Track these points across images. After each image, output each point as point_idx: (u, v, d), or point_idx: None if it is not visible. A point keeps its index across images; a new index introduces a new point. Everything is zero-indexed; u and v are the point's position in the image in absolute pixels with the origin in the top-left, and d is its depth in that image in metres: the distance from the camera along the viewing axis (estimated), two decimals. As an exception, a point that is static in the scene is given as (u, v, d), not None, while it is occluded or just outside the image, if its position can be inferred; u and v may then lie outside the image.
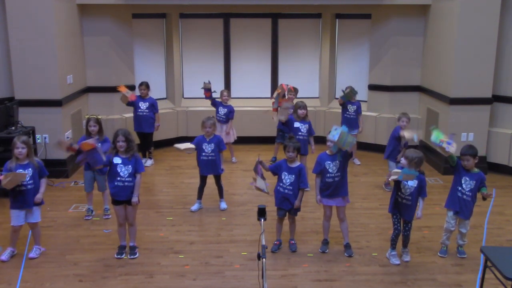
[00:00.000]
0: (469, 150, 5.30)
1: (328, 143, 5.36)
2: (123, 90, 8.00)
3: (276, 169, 5.51)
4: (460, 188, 5.33)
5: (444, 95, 8.01)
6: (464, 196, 5.32)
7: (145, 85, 8.30)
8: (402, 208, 5.21)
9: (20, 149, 5.14)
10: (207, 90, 8.35)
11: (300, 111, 7.16)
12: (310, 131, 7.22)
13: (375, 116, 9.13)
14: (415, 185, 5.13)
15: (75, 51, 8.30)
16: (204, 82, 8.40)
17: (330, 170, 5.34)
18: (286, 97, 8.17)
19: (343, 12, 9.52)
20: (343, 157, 5.32)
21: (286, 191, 5.42)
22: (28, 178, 5.17)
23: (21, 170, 5.14)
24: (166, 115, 9.29)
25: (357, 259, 5.38)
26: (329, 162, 5.35)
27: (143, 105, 8.28)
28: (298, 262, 5.32)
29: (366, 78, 9.39)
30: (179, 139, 9.59)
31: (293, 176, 5.40)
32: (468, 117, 7.85)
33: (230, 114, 8.48)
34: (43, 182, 5.37)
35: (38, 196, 5.29)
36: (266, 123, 9.10)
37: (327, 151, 5.42)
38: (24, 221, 5.31)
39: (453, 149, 5.29)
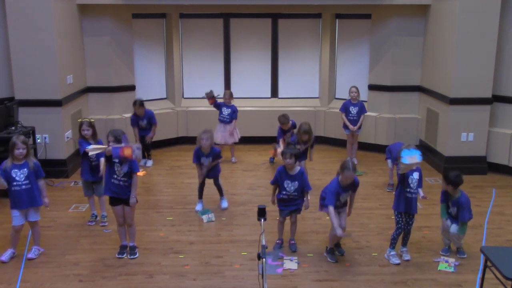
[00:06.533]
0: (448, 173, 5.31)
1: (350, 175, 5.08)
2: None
3: (277, 181, 5.47)
4: (450, 210, 5.43)
5: (444, 95, 8.01)
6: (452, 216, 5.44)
7: (139, 104, 8.14)
8: (410, 203, 5.22)
9: (21, 150, 5.14)
10: (211, 98, 8.34)
11: (303, 136, 6.96)
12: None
13: (375, 116, 9.13)
14: (418, 177, 5.22)
15: (75, 51, 8.30)
16: (206, 93, 8.35)
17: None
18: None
19: (343, 12, 9.51)
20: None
21: (292, 197, 5.41)
22: (23, 179, 5.16)
23: (16, 171, 5.15)
24: (166, 115, 9.29)
25: (357, 259, 5.38)
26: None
27: (142, 123, 8.29)
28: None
29: (366, 78, 9.38)
30: (179, 139, 9.62)
31: (297, 182, 5.38)
32: (468, 117, 7.85)
33: (234, 114, 8.48)
34: (43, 185, 5.35)
35: (46, 201, 5.34)
36: (266, 123, 9.12)
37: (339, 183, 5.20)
38: (25, 220, 5.31)
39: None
